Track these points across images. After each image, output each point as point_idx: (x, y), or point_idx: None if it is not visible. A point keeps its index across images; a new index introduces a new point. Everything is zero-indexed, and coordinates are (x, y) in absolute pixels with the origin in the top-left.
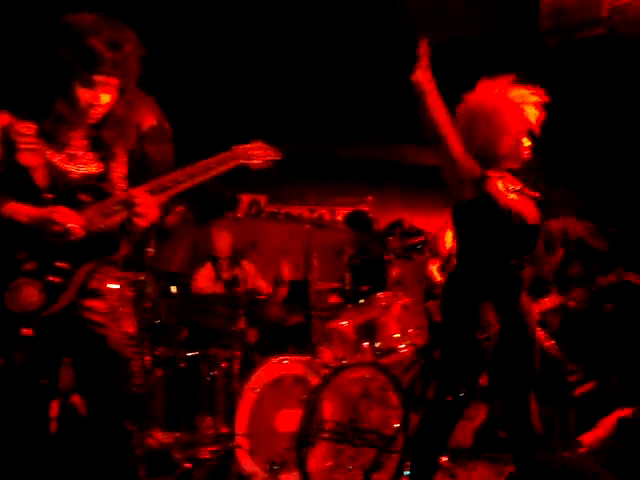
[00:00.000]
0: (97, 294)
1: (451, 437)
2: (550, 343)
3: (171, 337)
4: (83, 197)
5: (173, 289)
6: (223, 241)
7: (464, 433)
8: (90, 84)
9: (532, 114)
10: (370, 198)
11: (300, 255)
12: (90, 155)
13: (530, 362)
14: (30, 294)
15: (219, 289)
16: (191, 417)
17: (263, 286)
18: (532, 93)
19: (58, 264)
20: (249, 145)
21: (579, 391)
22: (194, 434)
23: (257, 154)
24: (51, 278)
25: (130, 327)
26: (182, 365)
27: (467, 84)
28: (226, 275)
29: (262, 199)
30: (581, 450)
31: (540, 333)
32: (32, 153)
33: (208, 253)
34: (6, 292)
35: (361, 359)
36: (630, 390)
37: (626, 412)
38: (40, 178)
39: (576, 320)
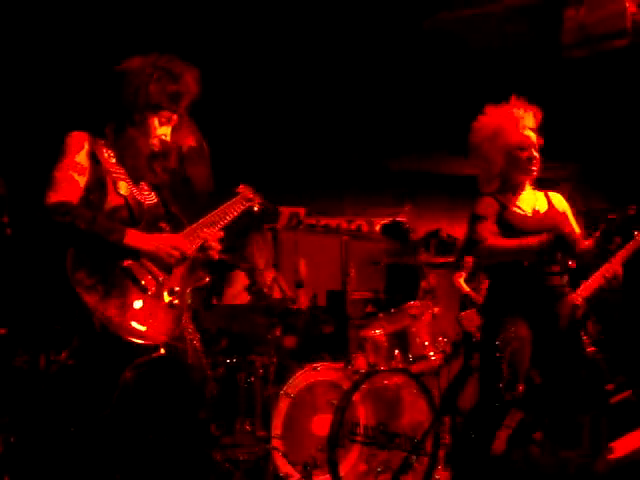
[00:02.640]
0: None
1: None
2: (592, 349)
3: (213, 346)
4: (164, 225)
5: (213, 299)
6: (262, 252)
7: (497, 440)
8: (161, 119)
9: (531, 133)
10: (408, 208)
11: (337, 266)
12: (144, 185)
13: (573, 370)
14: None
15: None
16: (230, 420)
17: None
18: (531, 114)
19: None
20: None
21: (614, 399)
22: (233, 437)
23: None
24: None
25: (197, 340)
26: (222, 371)
27: (498, 95)
28: (260, 285)
29: (301, 211)
30: (612, 456)
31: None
32: (124, 183)
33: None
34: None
35: (393, 366)
36: None
37: None
38: (125, 206)
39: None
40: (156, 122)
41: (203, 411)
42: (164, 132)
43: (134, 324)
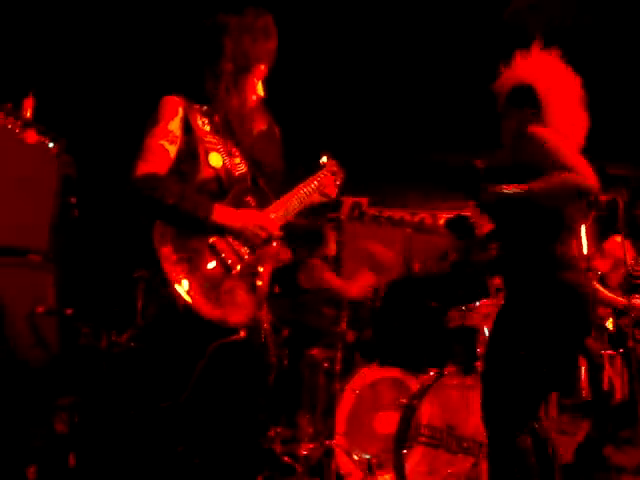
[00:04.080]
0: None
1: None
2: None
3: (275, 335)
4: (250, 200)
5: (275, 288)
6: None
7: (566, 449)
8: (259, 76)
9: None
10: (473, 203)
11: (400, 259)
12: (236, 152)
13: None
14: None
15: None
16: (292, 414)
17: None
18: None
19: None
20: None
21: None
22: (294, 430)
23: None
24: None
25: (267, 324)
26: (285, 363)
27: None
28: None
29: (364, 201)
30: None
31: None
32: (217, 154)
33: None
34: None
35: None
36: None
37: None
38: (216, 178)
39: None
40: (255, 79)
41: (265, 400)
42: (260, 88)
43: (217, 305)
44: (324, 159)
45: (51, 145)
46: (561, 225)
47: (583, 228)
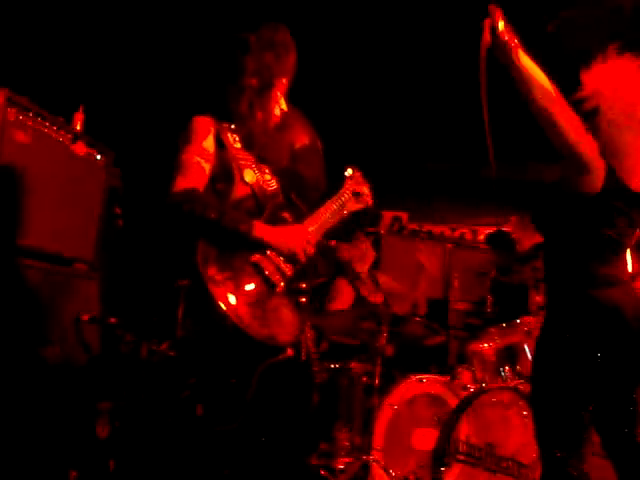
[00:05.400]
0: None
1: None
2: None
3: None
4: (286, 215)
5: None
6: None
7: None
8: (282, 90)
9: None
10: (514, 218)
11: (439, 274)
12: (265, 168)
13: None
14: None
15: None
16: (329, 427)
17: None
18: None
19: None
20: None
21: None
22: (331, 444)
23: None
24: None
25: (310, 341)
26: (324, 376)
27: None
28: (365, 291)
29: (404, 216)
30: None
31: None
32: (250, 170)
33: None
34: None
35: (501, 383)
36: None
37: None
38: (252, 195)
39: None
40: (278, 93)
41: (306, 415)
42: (283, 102)
43: (264, 324)
44: (349, 171)
45: (99, 157)
46: (602, 243)
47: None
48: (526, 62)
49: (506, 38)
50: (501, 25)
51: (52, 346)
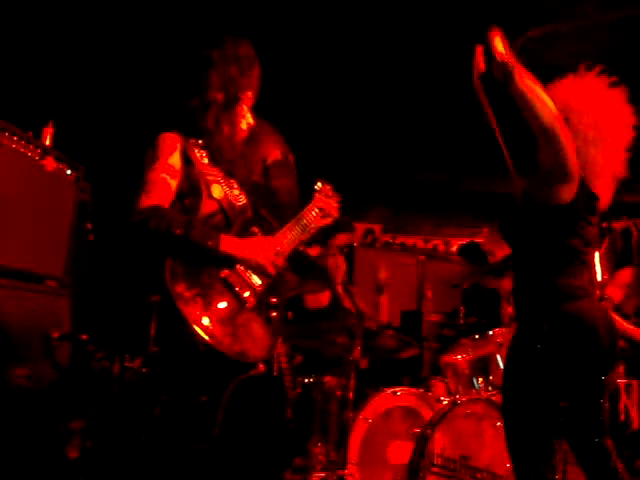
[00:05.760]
0: None
1: None
2: None
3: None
4: (256, 230)
5: (289, 315)
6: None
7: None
8: (248, 103)
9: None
10: (486, 230)
11: (413, 285)
12: (233, 183)
13: None
14: None
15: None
16: (304, 442)
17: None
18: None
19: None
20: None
21: None
22: (306, 459)
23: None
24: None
25: (283, 356)
26: (298, 390)
27: None
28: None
29: (377, 228)
30: None
31: None
32: (218, 185)
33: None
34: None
35: (475, 394)
36: None
37: None
38: (220, 210)
39: None
40: (244, 107)
41: (280, 430)
42: (249, 116)
43: (236, 340)
44: (318, 185)
45: (69, 172)
46: (569, 255)
47: (597, 256)
48: (528, 82)
49: (506, 60)
50: (500, 47)
51: (21, 365)
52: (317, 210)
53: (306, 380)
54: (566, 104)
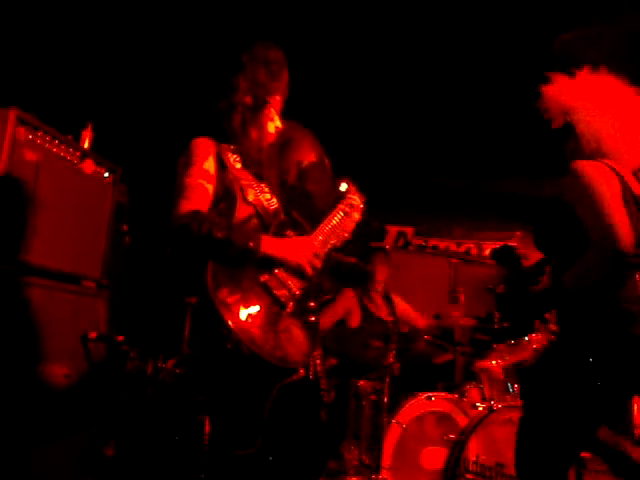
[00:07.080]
0: None
1: None
2: None
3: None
4: (290, 233)
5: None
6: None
7: None
8: (276, 107)
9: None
10: (519, 233)
11: (445, 289)
12: (264, 187)
13: None
14: None
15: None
16: (337, 446)
17: (413, 317)
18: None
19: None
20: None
21: None
22: (340, 463)
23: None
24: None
25: (319, 360)
26: (332, 394)
27: None
28: (374, 308)
29: (409, 231)
30: None
31: None
32: (252, 190)
33: None
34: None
35: (510, 401)
36: None
37: None
38: (255, 214)
39: None
40: (272, 111)
41: (315, 434)
42: (277, 120)
43: (277, 345)
44: (344, 186)
45: (107, 175)
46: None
47: None
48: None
49: None
50: None
51: (59, 364)
52: (344, 212)
53: (340, 384)
54: (586, 94)
